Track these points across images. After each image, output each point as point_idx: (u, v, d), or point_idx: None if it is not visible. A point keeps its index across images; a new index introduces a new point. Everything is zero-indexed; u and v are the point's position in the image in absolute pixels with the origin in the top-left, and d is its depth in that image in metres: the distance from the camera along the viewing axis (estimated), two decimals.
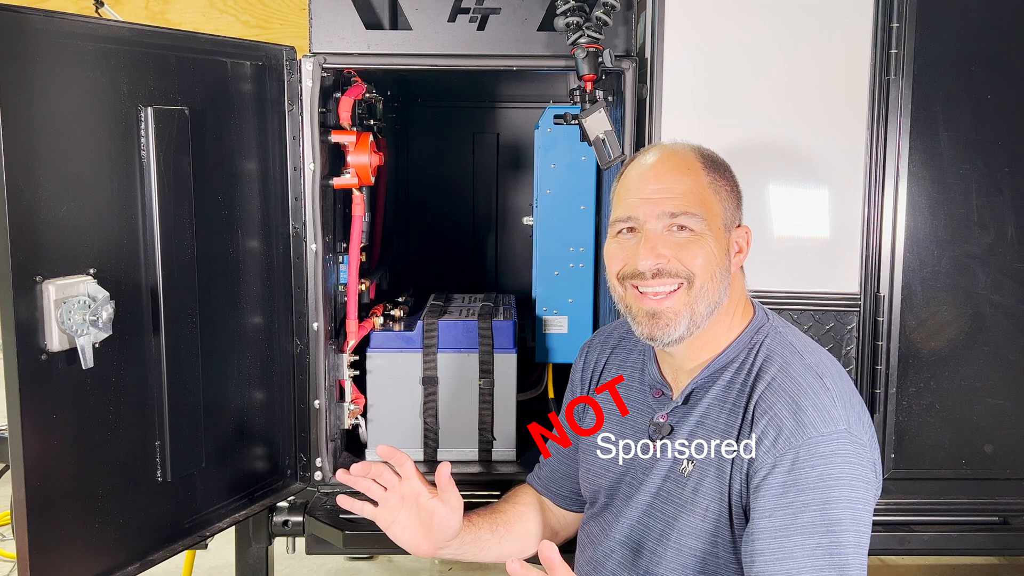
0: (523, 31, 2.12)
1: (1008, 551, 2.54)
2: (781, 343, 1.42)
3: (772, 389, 1.35)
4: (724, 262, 1.40)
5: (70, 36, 1.66)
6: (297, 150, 2.14)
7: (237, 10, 3.12)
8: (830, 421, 1.30)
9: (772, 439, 1.31)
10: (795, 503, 1.28)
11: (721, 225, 1.40)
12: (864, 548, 1.30)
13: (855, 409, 1.36)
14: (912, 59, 2.02)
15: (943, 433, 2.13)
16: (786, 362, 1.38)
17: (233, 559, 2.38)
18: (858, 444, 1.31)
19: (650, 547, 1.43)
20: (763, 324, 1.46)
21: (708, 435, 1.39)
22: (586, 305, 2.59)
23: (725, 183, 1.43)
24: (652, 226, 1.37)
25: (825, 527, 1.27)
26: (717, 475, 1.37)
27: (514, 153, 3.13)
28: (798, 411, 1.31)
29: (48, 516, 1.66)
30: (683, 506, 1.39)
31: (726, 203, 1.41)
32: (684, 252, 1.36)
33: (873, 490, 1.34)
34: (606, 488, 1.53)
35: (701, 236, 1.36)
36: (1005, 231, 2.08)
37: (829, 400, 1.32)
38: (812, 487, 1.28)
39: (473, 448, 2.41)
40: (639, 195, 1.39)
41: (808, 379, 1.35)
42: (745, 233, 1.45)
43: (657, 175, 1.40)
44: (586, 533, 1.58)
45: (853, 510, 1.28)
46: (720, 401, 1.40)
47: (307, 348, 2.19)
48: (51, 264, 1.63)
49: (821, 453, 1.28)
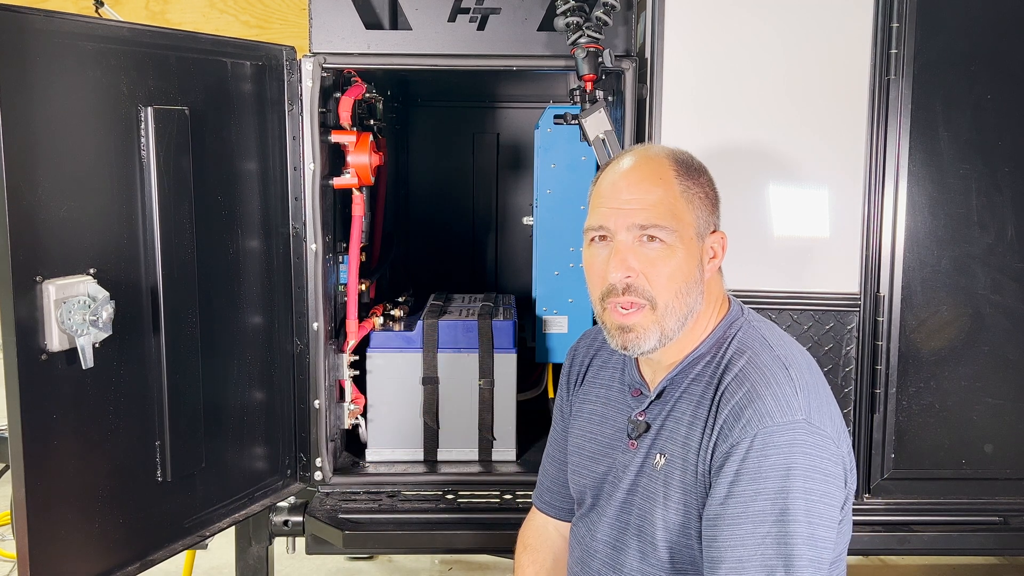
0: (523, 31, 2.12)
1: (1008, 551, 2.54)
2: (752, 336, 1.43)
3: (737, 379, 1.36)
4: (694, 273, 1.40)
5: (70, 36, 1.66)
6: (297, 150, 2.14)
7: (237, 10, 3.12)
8: (788, 411, 1.30)
9: (730, 427, 1.32)
10: (747, 491, 1.29)
11: (693, 234, 1.40)
12: (820, 540, 1.29)
13: (820, 401, 1.35)
14: (912, 59, 2.02)
15: (943, 433, 2.13)
16: (755, 354, 1.38)
17: (233, 559, 2.39)
18: (818, 435, 1.31)
19: (630, 543, 1.44)
20: (736, 318, 1.47)
21: (676, 426, 1.41)
22: (586, 305, 2.59)
23: (699, 190, 1.42)
24: (622, 237, 1.38)
25: (776, 516, 1.27)
26: (683, 466, 1.38)
27: (514, 153, 3.13)
28: (757, 399, 1.32)
29: (48, 516, 1.66)
30: (656, 500, 1.40)
31: (699, 211, 1.41)
32: (652, 268, 1.37)
33: (836, 482, 1.33)
34: (591, 488, 1.54)
35: (671, 248, 1.37)
36: (1005, 231, 2.08)
37: (791, 390, 1.32)
38: (765, 476, 1.28)
39: (473, 448, 2.41)
40: (610, 204, 1.40)
41: (773, 370, 1.35)
42: (720, 239, 1.46)
43: (629, 184, 1.40)
44: (575, 534, 1.59)
45: (808, 501, 1.28)
46: (689, 394, 1.42)
47: (307, 348, 2.19)
48: (51, 264, 1.63)
49: (775, 443, 1.29)
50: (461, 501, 2.25)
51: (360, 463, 2.39)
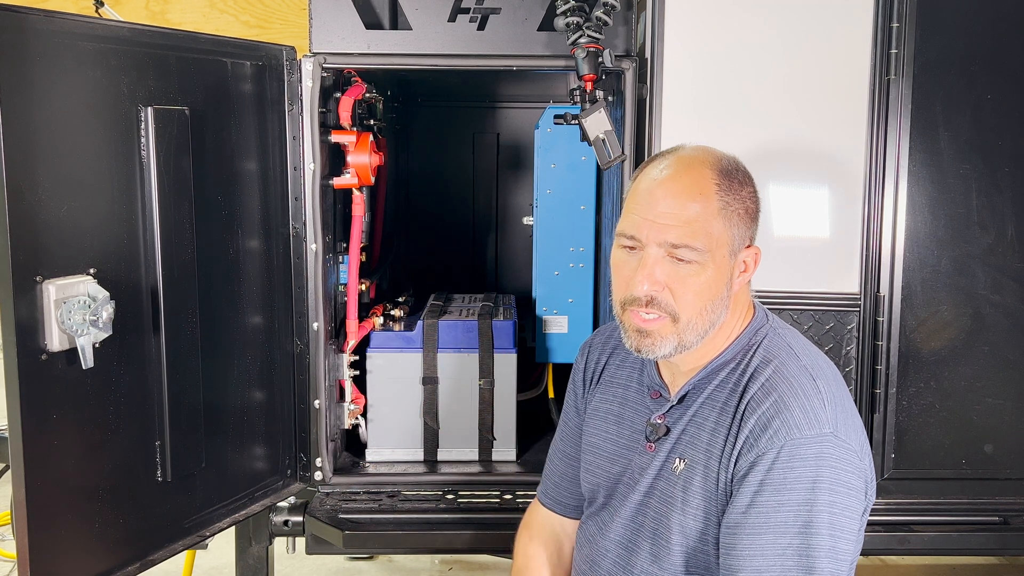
0: (523, 31, 2.12)
1: (1008, 551, 2.54)
2: (779, 344, 1.42)
3: (764, 389, 1.35)
4: (721, 291, 1.38)
5: (70, 36, 1.66)
6: (297, 150, 2.14)
7: (237, 10, 3.12)
8: (816, 424, 1.30)
9: (756, 437, 1.31)
10: (770, 501, 1.28)
11: (726, 252, 1.37)
12: (841, 554, 1.29)
13: (846, 413, 1.35)
14: (912, 59, 2.02)
15: (943, 433, 2.13)
16: (781, 363, 1.38)
17: (233, 559, 2.38)
18: (844, 449, 1.30)
19: (643, 546, 1.44)
20: (762, 325, 1.45)
21: (698, 432, 1.40)
22: (586, 305, 2.59)
23: (739, 205, 1.38)
24: (652, 252, 1.35)
25: (799, 528, 1.27)
26: (704, 472, 1.37)
27: (514, 153, 3.13)
28: (785, 410, 1.31)
29: (48, 516, 1.66)
30: (674, 504, 1.40)
31: (736, 227, 1.38)
32: (679, 285, 1.35)
33: (858, 496, 1.33)
34: (604, 487, 1.54)
35: (701, 266, 1.35)
36: (1005, 231, 2.08)
37: (819, 403, 1.32)
38: (790, 488, 1.28)
39: (473, 448, 2.41)
40: (644, 215, 1.36)
41: (801, 380, 1.35)
42: (754, 254, 1.43)
43: (665, 195, 1.36)
44: (584, 532, 1.59)
45: (832, 514, 1.28)
46: (712, 400, 1.41)
47: (307, 348, 2.19)
48: (51, 264, 1.63)
49: (802, 455, 1.28)
50: (461, 501, 2.25)
51: (360, 463, 2.39)
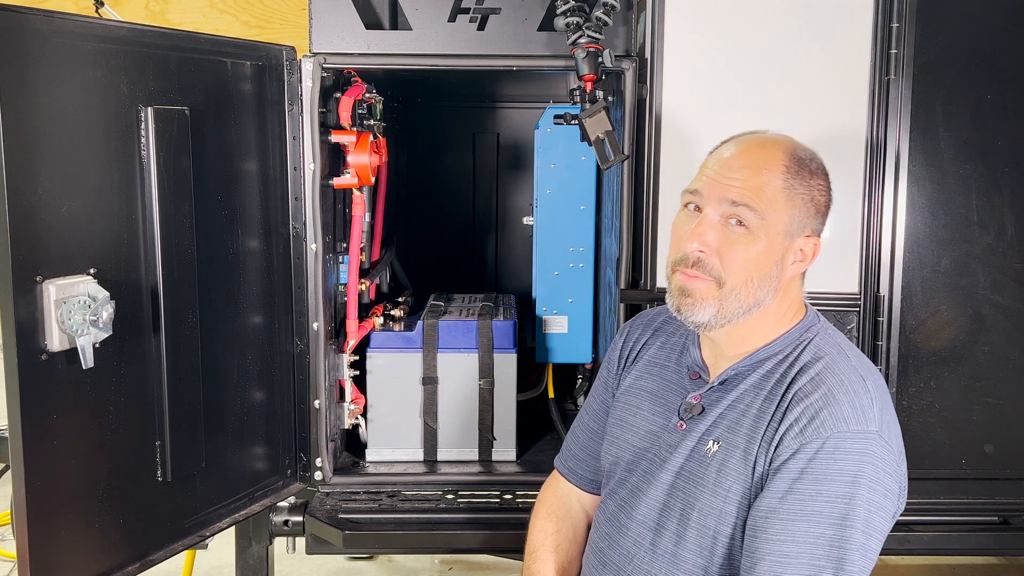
0: (523, 31, 2.12)
1: (1008, 551, 2.54)
2: (829, 343, 1.44)
3: (814, 382, 1.36)
4: (770, 269, 1.39)
5: (70, 36, 1.66)
6: (297, 150, 2.14)
7: (237, 10, 3.12)
8: (863, 420, 1.31)
9: (802, 426, 1.32)
10: (809, 490, 1.29)
11: (781, 230, 1.39)
12: (871, 552, 1.30)
13: (890, 416, 1.37)
14: (912, 59, 2.02)
15: (943, 433, 2.13)
16: (832, 360, 1.39)
17: (233, 559, 2.38)
18: (887, 450, 1.32)
19: (670, 527, 1.43)
20: (813, 324, 1.47)
21: (740, 418, 1.40)
22: (586, 305, 2.59)
23: (805, 191, 1.40)
24: (710, 211, 1.39)
25: (834, 519, 1.28)
26: (743, 457, 1.37)
27: (514, 153, 3.13)
28: (834, 403, 1.32)
29: (48, 516, 1.66)
30: (705, 486, 1.40)
31: (797, 210, 1.39)
32: (728, 249, 1.37)
33: (892, 499, 1.34)
34: (626, 462, 1.54)
35: (753, 235, 1.37)
36: (1005, 231, 2.08)
37: (867, 401, 1.33)
38: (831, 479, 1.29)
39: (473, 448, 2.41)
40: (710, 175, 1.41)
41: (851, 378, 1.36)
42: (813, 244, 1.44)
43: (734, 164, 1.40)
44: (603, 509, 1.58)
45: (868, 511, 1.29)
46: (757, 388, 1.41)
47: (307, 348, 2.19)
48: (51, 264, 1.63)
49: (847, 448, 1.29)
50: (461, 501, 2.25)
51: (360, 463, 2.39)
